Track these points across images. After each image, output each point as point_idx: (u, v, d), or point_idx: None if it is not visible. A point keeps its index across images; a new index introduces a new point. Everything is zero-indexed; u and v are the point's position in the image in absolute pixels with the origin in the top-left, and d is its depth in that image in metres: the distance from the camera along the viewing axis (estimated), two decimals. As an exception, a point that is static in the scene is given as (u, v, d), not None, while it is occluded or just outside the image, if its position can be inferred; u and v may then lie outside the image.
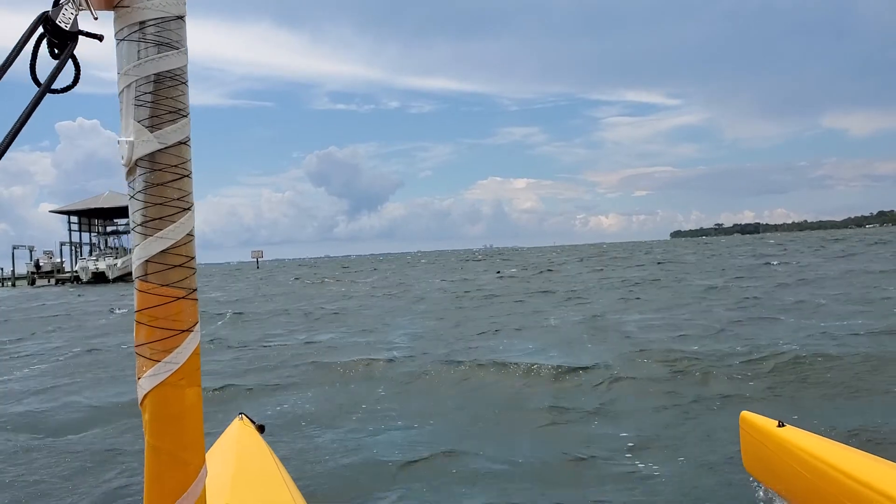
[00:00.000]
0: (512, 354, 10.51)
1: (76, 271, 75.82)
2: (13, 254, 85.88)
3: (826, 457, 2.71)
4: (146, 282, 1.41)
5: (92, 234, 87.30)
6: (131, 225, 1.43)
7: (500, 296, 23.87)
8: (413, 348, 11.98)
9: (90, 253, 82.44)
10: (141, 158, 1.40)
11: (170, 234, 1.41)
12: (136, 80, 1.40)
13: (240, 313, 21.39)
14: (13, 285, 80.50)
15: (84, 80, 1.42)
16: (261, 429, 3.40)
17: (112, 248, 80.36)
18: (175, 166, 1.43)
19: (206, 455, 3.01)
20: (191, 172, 1.46)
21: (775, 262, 35.34)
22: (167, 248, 1.41)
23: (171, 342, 1.40)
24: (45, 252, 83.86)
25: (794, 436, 2.94)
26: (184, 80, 1.44)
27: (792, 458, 2.85)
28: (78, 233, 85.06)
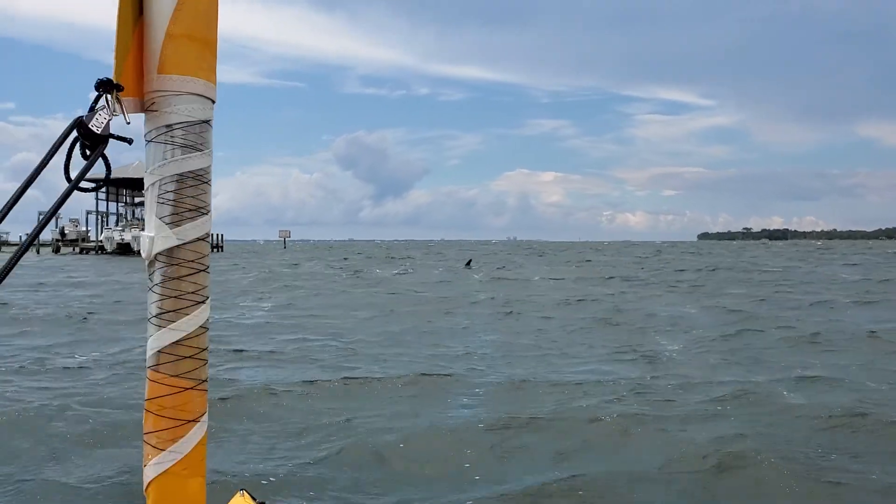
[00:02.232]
0: None
1: (101, 241, 76.52)
2: (38, 220, 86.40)
3: None
4: (157, 371, 1.46)
5: (119, 205, 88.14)
6: (148, 316, 1.49)
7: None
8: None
9: (116, 223, 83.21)
10: (160, 253, 1.46)
11: (183, 326, 1.47)
12: (161, 179, 1.46)
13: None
14: (37, 252, 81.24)
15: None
16: None
17: (138, 220, 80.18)
18: (192, 261, 1.48)
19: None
20: (208, 267, 1.52)
21: None
22: (179, 340, 1.46)
23: (178, 432, 1.45)
24: (70, 220, 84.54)
25: None
26: (206, 180, 1.50)
27: None
28: (105, 202, 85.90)
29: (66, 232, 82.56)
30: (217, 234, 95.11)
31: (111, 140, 1.44)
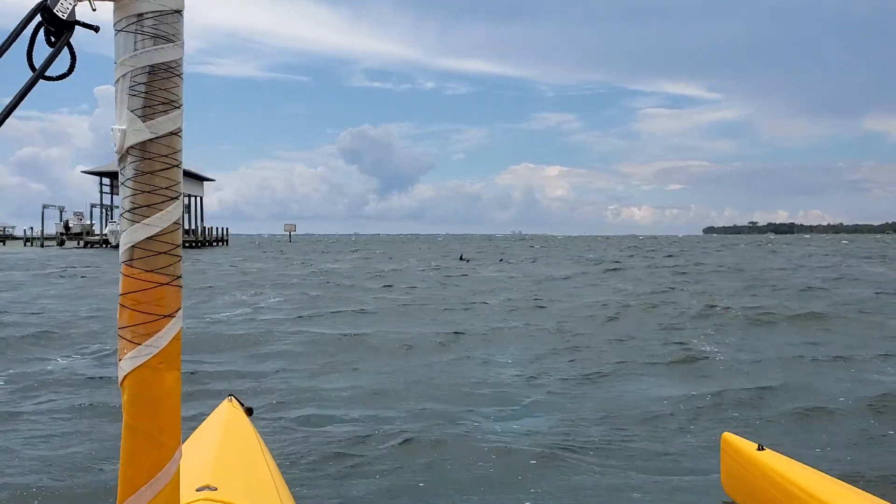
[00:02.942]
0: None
1: (105, 234, 76.46)
2: (43, 213, 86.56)
3: (804, 484, 2.70)
4: (131, 267, 1.45)
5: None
6: (120, 210, 1.48)
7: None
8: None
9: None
10: (132, 147, 1.45)
11: (157, 222, 1.46)
12: (132, 71, 1.44)
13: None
14: (42, 245, 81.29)
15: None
16: (249, 411, 3.38)
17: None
18: (165, 156, 1.47)
19: (193, 435, 3.07)
20: (181, 163, 1.51)
21: None
22: (153, 235, 1.45)
23: (153, 326, 1.44)
24: (74, 213, 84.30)
25: (774, 460, 2.94)
26: (178, 73, 1.48)
27: (770, 484, 2.85)
28: (110, 195, 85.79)
29: (70, 226, 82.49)
30: (222, 228, 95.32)
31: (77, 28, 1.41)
